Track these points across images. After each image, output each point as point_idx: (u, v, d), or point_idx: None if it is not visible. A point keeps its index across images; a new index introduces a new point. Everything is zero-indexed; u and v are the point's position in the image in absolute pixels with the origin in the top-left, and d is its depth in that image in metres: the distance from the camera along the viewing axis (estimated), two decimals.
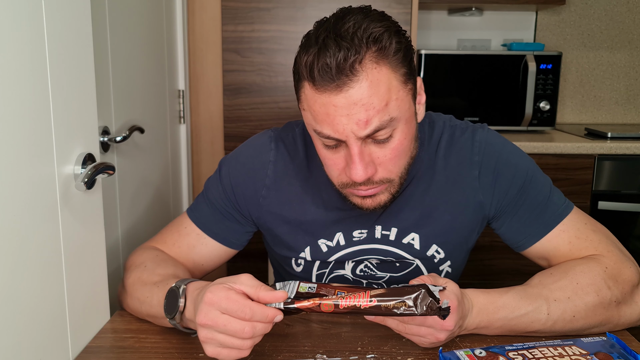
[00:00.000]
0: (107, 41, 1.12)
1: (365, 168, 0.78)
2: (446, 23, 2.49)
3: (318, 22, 0.79)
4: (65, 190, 0.76)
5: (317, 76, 0.74)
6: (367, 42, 0.73)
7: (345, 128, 0.75)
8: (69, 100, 0.77)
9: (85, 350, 0.81)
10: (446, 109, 2.19)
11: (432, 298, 0.69)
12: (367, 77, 0.73)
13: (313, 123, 0.78)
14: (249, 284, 0.71)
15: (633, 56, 2.52)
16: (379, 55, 0.74)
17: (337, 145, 0.79)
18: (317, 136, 0.80)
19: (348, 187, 0.83)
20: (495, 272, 2.09)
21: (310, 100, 0.76)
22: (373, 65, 0.74)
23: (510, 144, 0.97)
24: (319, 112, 0.76)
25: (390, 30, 0.76)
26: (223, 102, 1.97)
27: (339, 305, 0.70)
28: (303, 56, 0.76)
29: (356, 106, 0.73)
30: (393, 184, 0.83)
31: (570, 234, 0.91)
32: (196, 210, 0.99)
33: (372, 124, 0.75)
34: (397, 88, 0.76)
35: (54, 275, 0.74)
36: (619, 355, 0.73)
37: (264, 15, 1.91)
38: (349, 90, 0.73)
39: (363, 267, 0.98)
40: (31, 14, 0.68)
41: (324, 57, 0.73)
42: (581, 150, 1.99)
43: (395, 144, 0.79)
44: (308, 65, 0.74)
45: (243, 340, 0.69)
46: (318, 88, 0.74)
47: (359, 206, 0.85)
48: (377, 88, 0.74)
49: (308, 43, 0.76)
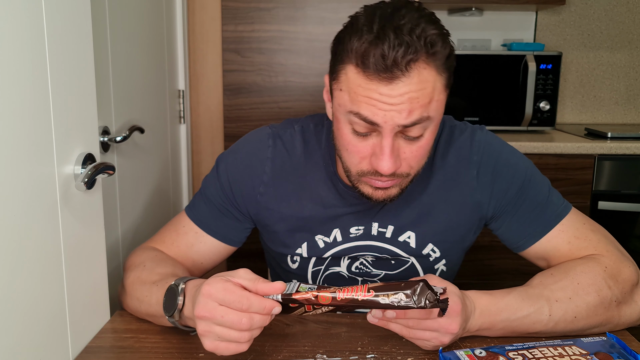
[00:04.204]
0: (107, 41, 1.12)
1: (394, 161, 0.79)
2: (446, 23, 2.45)
3: (369, 7, 0.79)
4: (65, 190, 0.76)
5: (371, 64, 0.74)
6: (425, 44, 0.74)
7: (386, 114, 0.75)
8: (69, 100, 0.77)
9: (85, 350, 0.81)
10: (446, 109, 2.18)
11: (431, 291, 0.68)
12: (418, 75, 0.74)
13: (349, 104, 0.78)
14: (246, 277, 0.71)
15: (633, 56, 2.52)
16: (431, 58, 0.76)
17: (368, 133, 0.79)
18: (347, 119, 0.80)
19: (366, 176, 0.83)
20: (495, 272, 2.09)
21: (353, 83, 0.77)
22: (424, 66, 0.75)
23: (508, 145, 0.97)
24: (361, 95, 0.76)
25: (445, 36, 0.78)
26: (223, 102, 1.97)
27: (336, 297, 0.69)
28: (354, 40, 0.76)
29: (401, 97, 0.75)
30: (408, 178, 0.84)
31: (569, 234, 0.91)
32: (194, 208, 0.99)
33: (413, 116, 0.76)
34: (440, 90, 0.78)
35: (54, 275, 0.74)
36: (619, 355, 0.73)
37: (264, 15, 1.91)
38: (399, 84, 0.74)
39: (358, 264, 0.98)
40: (31, 14, 0.68)
41: (382, 47, 0.73)
42: (581, 150, 1.99)
43: (423, 142, 0.80)
44: (361, 51, 0.75)
45: (241, 332, 0.69)
46: (368, 75, 0.75)
47: (369, 196, 0.85)
48: (424, 85, 0.75)
49: (360, 28, 0.76)
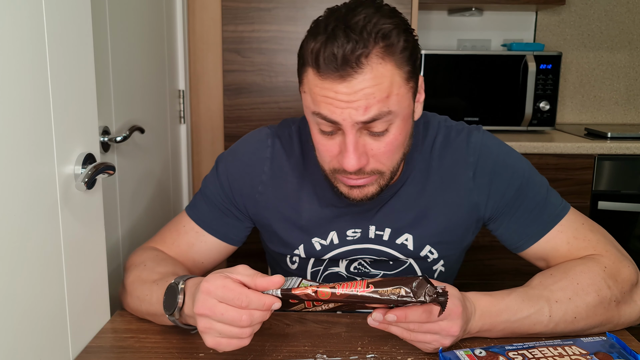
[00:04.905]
0: (107, 41, 1.12)
1: (359, 158, 0.79)
2: (446, 23, 2.49)
3: (329, 10, 0.79)
4: (65, 190, 0.76)
5: (322, 64, 0.75)
6: (376, 37, 0.74)
7: (344, 112, 0.76)
8: (69, 100, 0.77)
9: (85, 350, 0.81)
10: (446, 109, 2.19)
11: (430, 285, 0.68)
12: (371, 70, 0.74)
13: (312, 105, 0.79)
14: (245, 272, 0.71)
15: (633, 56, 2.52)
16: (386, 52, 0.75)
17: (333, 132, 0.80)
18: (313, 120, 0.81)
19: (338, 173, 0.84)
20: (495, 272, 2.09)
21: (312, 84, 0.78)
22: (379, 60, 0.74)
23: (505, 145, 0.96)
24: (319, 94, 0.77)
25: (400, 27, 0.77)
26: (223, 102, 1.97)
27: (336, 292, 0.69)
28: (310, 42, 0.77)
29: (357, 94, 0.75)
30: (383, 176, 0.84)
31: (568, 234, 0.91)
32: (194, 208, 1.00)
33: (371, 112, 0.76)
34: (399, 84, 0.77)
35: (54, 275, 0.74)
36: (618, 355, 0.73)
37: (264, 15, 1.91)
38: (352, 81, 0.74)
39: (357, 265, 0.98)
40: (31, 14, 0.68)
41: (331, 47, 0.74)
42: (581, 150, 1.99)
43: (391, 138, 0.80)
44: (314, 52, 0.75)
45: (241, 328, 0.69)
46: (322, 75, 0.75)
47: (346, 195, 0.86)
48: (379, 80, 0.75)
49: (317, 30, 0.77)
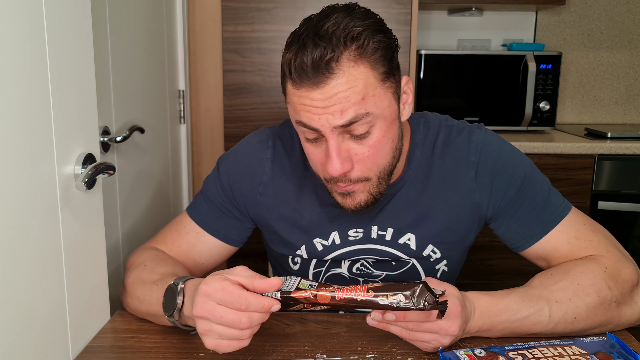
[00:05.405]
0: (107, 41, 1.12)
1: (342, 163, 0.79)
2: (446, 23, 2.49)
3: (304, 20, 0.81)
4: (65, 190, 0.76)
5: (295, 74, 0.76)
6: (345, 41, 0.75)
7: (321, 118, 0.77)
8: (69, 100, 0.77)
9: (85, 350, 0.81)
10: (446, 109, 2.19)
11: (430, 293, 0.68)
12: (343, 74, 0.75)
13: (294, 115, 0.81)
14: (244, 274, 0.71)
15: (633, 56, 2.52)
16: (358, 54, 0.76)
17: (318, 139, 0.81)
18: (299, 129, 0.82)
19: (330, 182, 0.84)
20: (495, 272, 2.09)
21: (291, 94, 0.79)
22: (350, 64, 0.75)
23: (507, 144, 0.96)
24: (297, 103, 0.78)
25: (370, 29, 0.77)
26: (223, 102, 1.97)
27: (335, 296, 0.69)
28: (286, 54, 0.79)
29: (332, 99, 0.75)
30: (372, 183, 0.84)
31: (569, 234, 0.91)
32: (195, 208, 1.00)
33: (347, 115, 0.76)
34: (374, 85, 0.77)
35: (54, 275, 0.74)
36: (618, 355, 0.73)
37: (264, 15, 1.91)
38: (325, 87, 0.75)
39: (359, 266, 0.98)
40: (31, 14, 0.68)
41: (302, 56, 0.75)
42: (581, 150, 1.99)
43: (374, 140, 0.80)
44: (288, 63, 0.77)
45: (241, 330, 0.69)
46: (296, 84, 0.77)
47: (341, 205, 0.86)
48: (353, 84, 0.75)
49: (291, 41, 0.79)
